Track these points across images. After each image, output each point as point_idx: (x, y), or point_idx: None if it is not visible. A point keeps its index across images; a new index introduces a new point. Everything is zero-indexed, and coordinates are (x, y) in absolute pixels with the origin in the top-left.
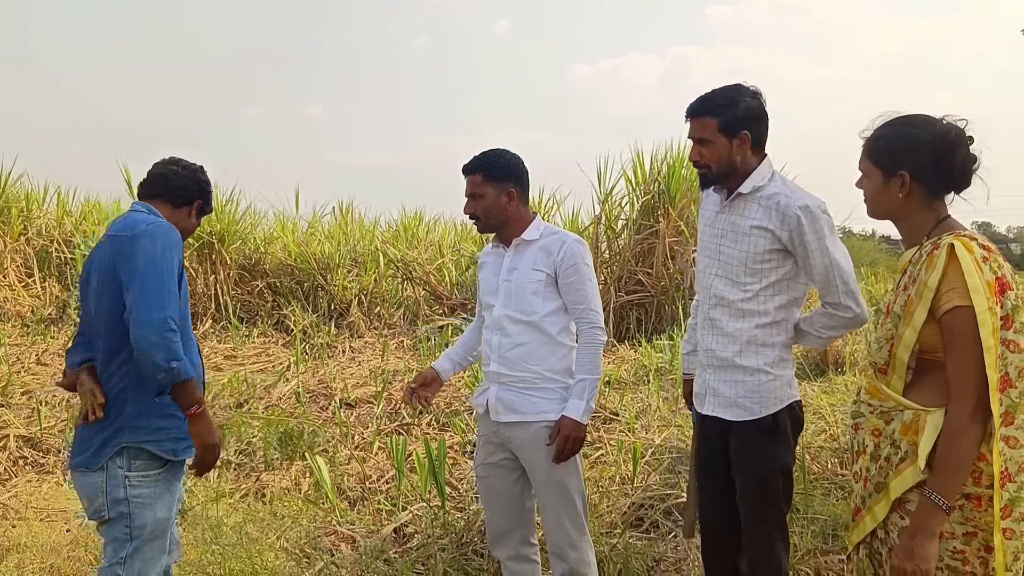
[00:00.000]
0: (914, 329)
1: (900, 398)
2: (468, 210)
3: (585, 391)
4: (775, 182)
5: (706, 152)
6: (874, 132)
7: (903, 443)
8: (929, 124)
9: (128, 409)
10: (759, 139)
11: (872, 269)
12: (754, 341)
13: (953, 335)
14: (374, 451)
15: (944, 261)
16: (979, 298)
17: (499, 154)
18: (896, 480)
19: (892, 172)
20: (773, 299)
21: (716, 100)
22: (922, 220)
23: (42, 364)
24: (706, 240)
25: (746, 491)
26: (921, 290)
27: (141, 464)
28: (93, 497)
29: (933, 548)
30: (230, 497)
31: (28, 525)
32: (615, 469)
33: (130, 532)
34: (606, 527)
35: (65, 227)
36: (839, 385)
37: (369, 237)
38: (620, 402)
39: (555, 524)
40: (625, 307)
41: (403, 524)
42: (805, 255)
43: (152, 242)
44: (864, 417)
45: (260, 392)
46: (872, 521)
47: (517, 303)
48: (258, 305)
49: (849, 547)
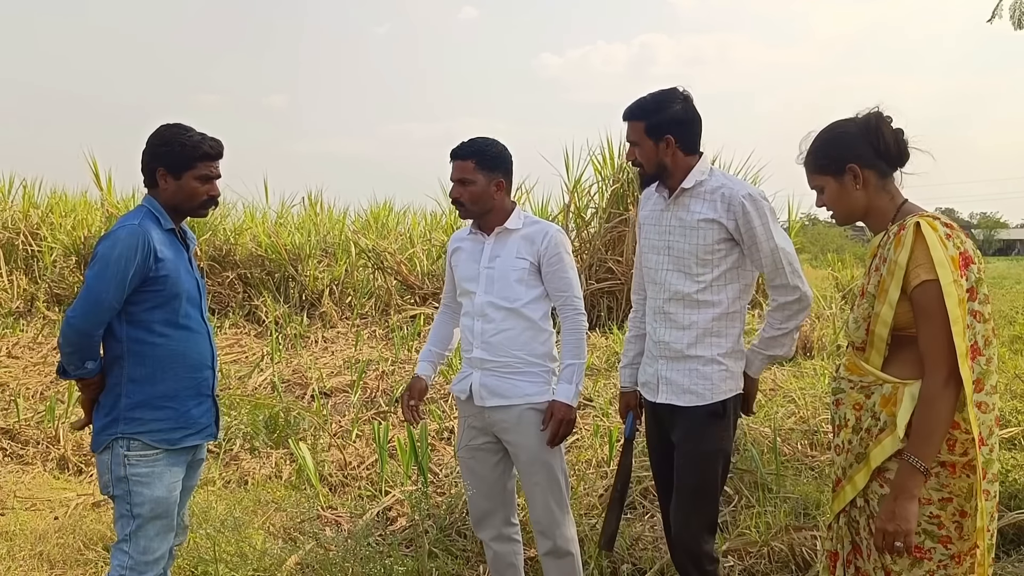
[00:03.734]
0: (890, 305)
1: (879, 373)
2: (455, 195)
3: (574, 375)
4: (715, 176)
5: (638, 153)
6: (808, 150)
7: (883, 415)
8: (849, 120)
9: (123, 402)
10: (688, 142)
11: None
12: (709, 332)
13: (922, 308)
14: (353, 438)
15: (911, 239)
16: (944, 271)
17: (491, 143)
18: (876, 449)
19: (841, 171)
20: (726, 288)
21: (644, 105)
22: (883, 206)
23: (13, 357)
24: (652, 239)
25: (686, 473)
26: (892, 268)
27: (139, 446)
28: (102, 473)
29: (913, 509)
30: (213, 485)
31: (15, 514)
32: (591, 453)
33: (131, 509)
34: (585, 508)
35: (32, 219)
36: (808, 369)
37: (339, 227)
38: (594, 388)
39: (540, 503)
40: (596, 295)
41: (386, 508)
42: (752, 241)
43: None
44: (845, 393)
45: (235, 383)
46: (852, 490)
47: (501, 290)
48: (229, 296)
49: (829, 517)
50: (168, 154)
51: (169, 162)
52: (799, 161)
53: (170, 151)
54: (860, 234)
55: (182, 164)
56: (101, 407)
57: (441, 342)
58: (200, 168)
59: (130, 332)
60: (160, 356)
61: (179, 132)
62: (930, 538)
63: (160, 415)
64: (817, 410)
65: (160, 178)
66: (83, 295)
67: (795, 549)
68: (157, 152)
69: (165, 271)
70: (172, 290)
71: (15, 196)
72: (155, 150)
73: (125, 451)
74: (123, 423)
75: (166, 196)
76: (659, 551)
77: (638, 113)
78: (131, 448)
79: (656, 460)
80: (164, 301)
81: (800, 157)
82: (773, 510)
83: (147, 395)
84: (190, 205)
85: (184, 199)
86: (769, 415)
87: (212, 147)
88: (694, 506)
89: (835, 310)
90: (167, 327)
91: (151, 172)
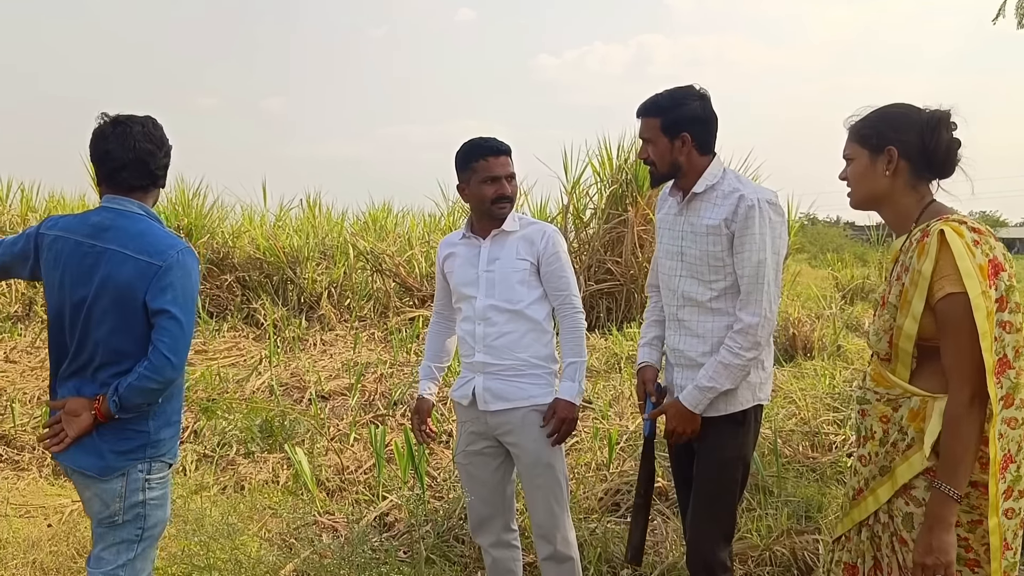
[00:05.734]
0: (914, 318)
1: (906, 385)
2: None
3: (576, 373)
4: (728, 179)
5: (651, 151)
6: (861, 117)
7: (910, 429)
8: (916, 107)
9: (151, 424)
10: (704, 142)
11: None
12: (723, 342)
13: (947, 322)
14: (350, 442)
15: (936, 248)
16: (972, 283)
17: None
18: (903, 466)
19: (879, 149)
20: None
21: (660, 101)
22: (908, 203)
23: (10, 362)
24: (667, 243)
25: (704, 480)
26: (915, 279)
27: (158, 467)
28: (109, 502)
29: (951, 540)
30: (209, 490)
31: (8, 521)
32: (591, 456)
33: (141, 533)
34: (584, 512)
35: (30, 222)
36: (808, 370)
37: (338, 230)
38: (593, 390)
39: (543, 506)
40: (595, 296)
41: (384, 513)
42: (742, 245)
43: (186, 276)
44: (871, 404)
45: (233, 386)
46: (874, 503)
47: (502, 293)
48: (227, 299)
49: (842, 527)
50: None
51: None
52: (846, 124)
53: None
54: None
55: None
56: (121, 432)
57: (438, 356)
58: None
59: None
60: None
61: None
62: (959, 562)
63: (173, 431)
64: (818, 411)
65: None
66: (179, 334)
67: (797, 553)
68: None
69: None
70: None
71: (13, 199)
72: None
73: (146, 475)
74: (151, 447)
75: (153, 199)
76: (659, 556)
77: (653, 109)
78: (152, 471)
79: (676, 464)
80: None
81: (849, 120)
82: (775, 513)
83: (168, 413)
84: None
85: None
86: (769, 416)
87: None
88: (710, 513)
89: (835, 310)
90: None
91: (152, 175)
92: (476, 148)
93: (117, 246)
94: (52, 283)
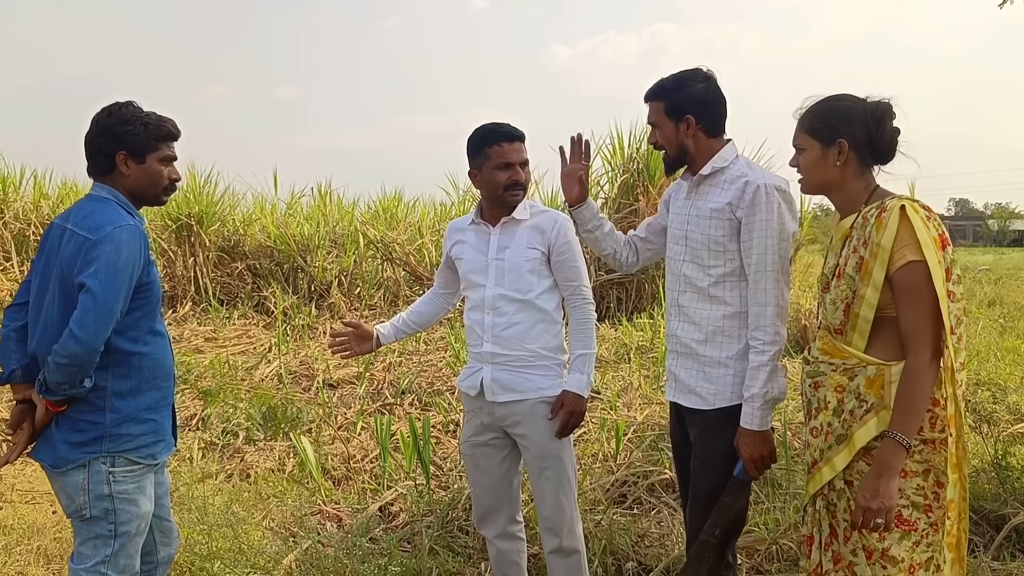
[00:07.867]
0: (875, 287)
1: (863, 355)
2: None
3: (585, 365)
4: (739, 164)
5: (659, 135)
6: (809, 109)
7: (869, 396)
8: (860, 99)
9: (108, 417)
10: (710, 124)
11: None
12: (720, 332)
13: (907, 288)
14: (357, 431)
15: (896, 221)
16: (930, 252)
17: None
18: (861, 431)
19: (830, 142)
20: (740, 285)
21: (664, 84)
22: (857, 189)
23: None
24: (674, 227)
25: (699, 476)
26: (875, 251)
27: (123, 463)
28: (74, 495)
29: (895, 486)
30: (215, 478)
31: (14, 508)
32: (598, 447)
33: (115, 529)
34: (590, 504)
35: (43, 210)
36: None
37: (348, 218)
38: (602, 380)
39: (551, 499)
40: (605, 286)
41: (388, 503)
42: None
43: (115, 251)
44: (825, 375)
45: (242, 374)
46: (830, 471)
47: (512, 282)
48: (238, 287)
49: (805, 499)
50: (130, 134)
51: (133, 144)
52: (795, 115)
53: (133, 131)
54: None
55: (146, 146)
56: (75, 424)
57: (418, 315)
58: (163, 149)
59: (116, 342)
60: (145, 366)
61: (138, 111)
62: (916, 509)
63: (144, 429)
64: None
65: (121, 163)
66: (91, 307)
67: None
68: (118, 133)
69: (152, 275)
70: (156, 294)
71: (26, 187)
72: (116, 131)
73: (109, 468)
74: (108, 440)
75: (129, 183)
76: (664, 548)
77: (658, 92)
78: (116, 464)
79: (678, 456)
80: (151, 308)
81: (798, 111)
82: (783, 506)
83: (132, 409)
84: (154, 192)
85: (149, 185)
86: (778, 408)
87: (173, 125)
88: (707, 509)
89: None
90: (150, 335)
91: (108, 156)
92: (490, 133)
93: (71, 225)
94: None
